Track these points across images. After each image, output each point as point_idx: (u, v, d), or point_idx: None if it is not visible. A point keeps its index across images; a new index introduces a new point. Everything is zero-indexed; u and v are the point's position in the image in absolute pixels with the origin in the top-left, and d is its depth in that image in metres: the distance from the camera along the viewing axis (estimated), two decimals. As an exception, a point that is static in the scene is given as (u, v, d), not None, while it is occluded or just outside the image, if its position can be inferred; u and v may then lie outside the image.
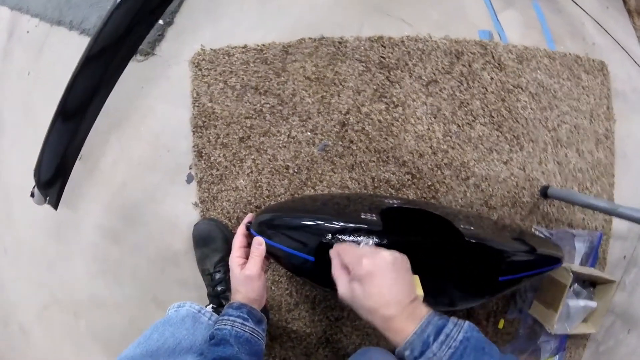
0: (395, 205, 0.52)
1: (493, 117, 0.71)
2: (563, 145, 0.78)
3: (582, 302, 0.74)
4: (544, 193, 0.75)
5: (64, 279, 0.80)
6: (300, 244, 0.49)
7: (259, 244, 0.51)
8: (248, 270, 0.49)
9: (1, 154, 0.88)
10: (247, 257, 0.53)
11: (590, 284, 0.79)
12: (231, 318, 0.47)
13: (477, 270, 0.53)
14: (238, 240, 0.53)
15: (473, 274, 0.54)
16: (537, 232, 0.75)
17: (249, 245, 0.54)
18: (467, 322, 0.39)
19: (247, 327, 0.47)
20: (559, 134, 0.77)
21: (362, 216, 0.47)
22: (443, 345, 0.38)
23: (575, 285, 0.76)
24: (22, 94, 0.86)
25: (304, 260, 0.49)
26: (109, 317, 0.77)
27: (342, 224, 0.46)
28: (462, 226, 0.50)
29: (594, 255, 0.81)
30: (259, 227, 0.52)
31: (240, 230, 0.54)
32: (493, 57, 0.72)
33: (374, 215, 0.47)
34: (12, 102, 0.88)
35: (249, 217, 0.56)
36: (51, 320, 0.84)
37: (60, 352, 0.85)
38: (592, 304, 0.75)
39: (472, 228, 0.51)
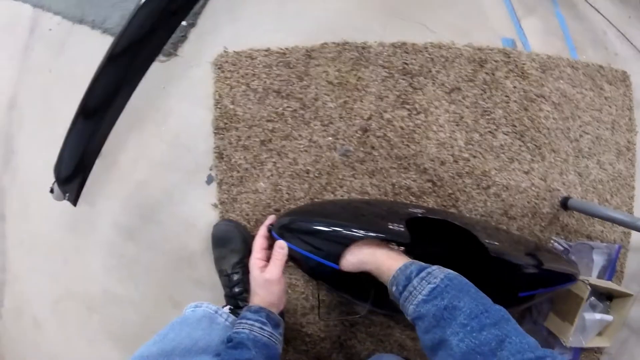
0: (420, 215, 0.52)
1: (515, 126, 0.70)
2: (584, 156, 0.77)
3: (598, 316, 0.73)
4: (564, 204, 0.74)
5: (79, 274, 0.81)
6: (325, 251, 0.49)
7: (281, 247, 0.51)
8: (268, 273, 0.49)
9: (20, 148, 0.89)
10: (267, 259, 0.53)
11: (606, 297, 0.78)
12: (249, 322, 0.47)
13: (499, 285, 0.53)
14: (259, 242, 0.53)
15: (494, 288, 0.54)
16: (555, 244, 0.75)
17: (269, 247, 0.54)
18: (454, 272, 0.41)
19: (265, 332, 0.47)
20: (581, 145, 0.76)
21: (390, 227, 0.46)
22: (423, 281, 0.39)
23: (592, 298, 0.75)
24: (42, 91, 0.86)
25: (327, 267, 0.49)
26: (122, 313, 0.78)
27: (371, 233, 0.46)
28: (487, 241, 0.50)
29: (612, 268, 0.80)
30: (281, 230, 0.52)
31: (262, 232, 0.54)
32: (516, 65, 0.71)
33: (401, 226, 0.46)
34: (32, 97, 0.89)
35: (270, 219, 0.56)
36: (64, 313, 0.85)
37: (72, 346, 0.85)
38: (608, 317, 0.74)
39: (496, 243, 0.51)
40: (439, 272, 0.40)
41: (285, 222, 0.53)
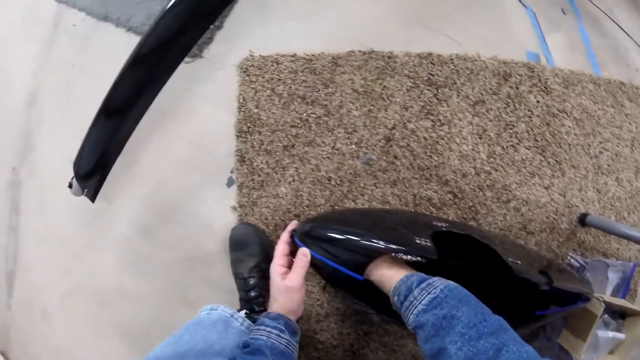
0: (444, 229, 0.52)
1: (537, 141, 0.70)
2: (603, 173, 0.76)
3: (610, 334, 0.73)
4: (582, 221, 0.74)
5: (91, 269, 0.81)
6: (349, 262, 0.48)
7: (305, 255, 0.50)
8: (289, 280, 0.49)
9: (38, 142, 0.90)
10: (288, 265, 0.53)
11: (619, 316, 0.78)
12: (267, 329, 0.47)
13: (517, 303, 0.53)
14: (281, 248, 0.53)
15: (513, 306, 0.53)
16: (572, 261, 0.74)
17: (290, 253, 0.54)
18: (455, 283, 0.42)
19: (283, 339, 0.47)
20: (600, 161, 0.76)
21: (417, 241, 0.46)
22: (423, 291, 0.40)
23: (605, 315, 0.74)
24: (63, 86, 0.87)
25: (349, 277, 0.48)
26: (133, 310, 0.78)
27: (395, 246, 0.46)
28: (510, 259, 0.50)
29: (626, 287, 0.79)
30: (303, 237, 0.52)
31: (284, 238, 0.54)
32: (540, 80, 0.71)
33: (427, 240, 0.46)
34: (54, 91, 0.89)
35: (292, 225, 0.56)
36: (74, 307, 0.85)
37: (80, 340, 0.85)
38: (621, 335, 0.74)
39: (518, 262, 0.50)
40: (439, 283, 0.41)
41: (308, 229, 0.52)
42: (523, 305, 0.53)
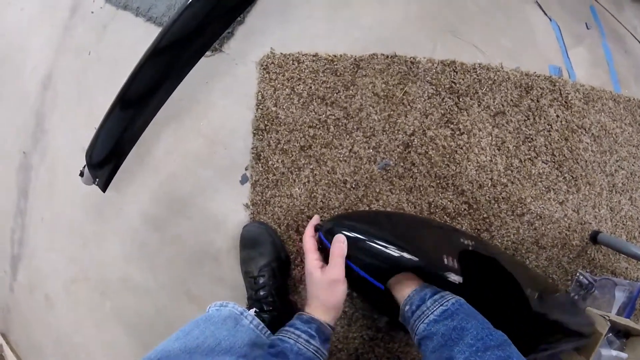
0: (471, 249, 0.50)
1: (555, 156, 0.69)
2: (617, 192, 0.76)
3: (614, 352, 0.73)
4: (594, 238, 0.73)
5: (97, 258, 0.81)
6: (374, 269, 0.47)
7: (342, 242, 0.48)
8: (330, 273, 0.47)
9: (51, 127, 0.89)
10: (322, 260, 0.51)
11: (623, 335, 0.78)
12: (297, 332, 0.46)
13: (526, 336, 0.51)
14: (310, 243, 0.52)
15: (520, 337, 0.52)
16: (581, 278, 0.74)
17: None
18: (463, 299, 0.44)
19: (312, 346, 0.45)
20: (615, 180, 0.76)
21: (445, 262, 0.45)
22: (436, 302, 0.43)
23: (610, 334, 0.74)
24: (79, 72, 0.86)
25: (370, 284, 0.47)
26: (137, 302, 0.77)
27: (424, 264, 0.45)
28: (528, 291, 0.49)
29: (631, 306, 0.79)
30: (329, 235, 0.50)
31: (309, 233, 0.53)
32: (561, 94, 0.71)
33: (455, 262, 0.46)
34: (68, 77, 0.88)
35: (316, 219, 0.56)
36: (77, 295, 0.85)
37: (81, 328, 0.85)
38: (623, 355, 0.74)
39: (535, 295, 0.50)
40: (450, 297, 0.43)
41: (336, 227, 0.50)
42: (530, 339, 0.52)
